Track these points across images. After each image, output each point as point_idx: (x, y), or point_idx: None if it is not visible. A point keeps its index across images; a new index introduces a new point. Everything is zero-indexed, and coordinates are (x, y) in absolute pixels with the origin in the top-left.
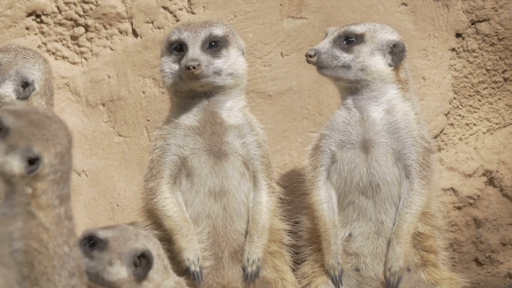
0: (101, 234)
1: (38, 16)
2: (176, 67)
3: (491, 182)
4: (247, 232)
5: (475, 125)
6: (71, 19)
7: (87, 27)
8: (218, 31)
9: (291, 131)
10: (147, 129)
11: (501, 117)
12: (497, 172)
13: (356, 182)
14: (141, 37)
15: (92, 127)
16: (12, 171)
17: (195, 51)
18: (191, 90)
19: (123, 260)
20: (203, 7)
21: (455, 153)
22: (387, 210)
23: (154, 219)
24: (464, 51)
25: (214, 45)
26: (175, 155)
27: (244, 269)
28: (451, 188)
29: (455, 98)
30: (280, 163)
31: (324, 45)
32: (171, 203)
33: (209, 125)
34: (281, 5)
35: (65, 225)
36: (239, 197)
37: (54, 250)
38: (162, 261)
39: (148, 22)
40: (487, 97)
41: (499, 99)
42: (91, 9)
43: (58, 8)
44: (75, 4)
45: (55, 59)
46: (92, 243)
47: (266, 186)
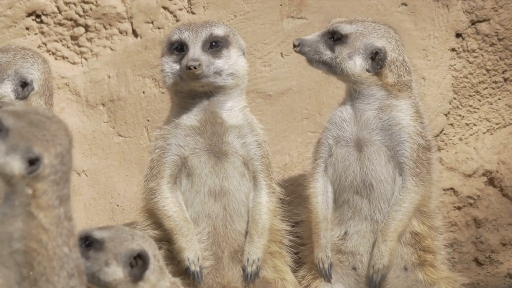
0: (97, 234)
1: (38, 16)
2: (176, 67)
3: (491, 182)
4: (247, 232)
5: (475, 125)
6: (71, 19)
7: (87, 27)
8: (219, 31)
9: (291, 131)
10: (147, 129)
11: (501, 117)
12: (497, 172)
13: (350, 180)
14: (141, 37)
15: (92, 127)
16: (12, 172)
17: (195, 51)
18: (191, 90)
19: (119, 260)
20: (203, 7)
21: (455, 153)
22: (382, 209)
23: (154, 219)
24: (464, 51)
25: (215, 45)
26: (175, 155)
27: (244, 269)
28: (451, 188)
29: (455, 98)
30: (280, 163)
31: (312, 38)
32: (171, 203)
33: (209, 125)
34: (281, 5)
35: (65, 226)
36: (239, 197)
37: (54, 251)
38: (158, 262)
39: (148, 22)
40: (487, 97)
41: (499, 99)
42: (91, 9)
43: (58, 8)
44: (75, 4)
45: (55, 59)
46: (88, 243)
47: (266, 187)
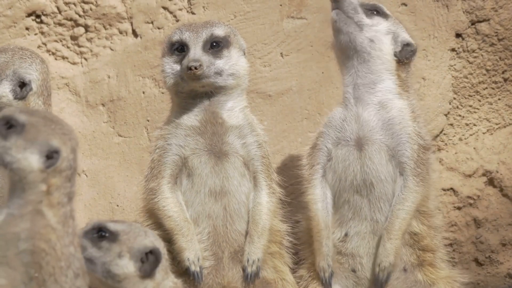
0: (112, 226)
1: (38, 16)
2: (177, 67)
3: (491, 182)
4: (247, 232)
5: (475, 125)
6: (71, 19)
7: (87, 27)
8: (220, 32)
9: (291, 131)
10: (147, 129)
11: (501, 117)
12: (497, 172)
13: (350, 180)
14: (141, 37)
15: (92, 127)
16: (30, 167)
17: (196, 52)
18: (192, 91)
19: (132, 254)
20: (203, 7)
21: (455, 153)
22: (382, 209)
23: (154, 219)
24: (464, 51)
25: (216, 45)
26: (176, 155)
27: (244, 270)
28: (451, 188)
29: (455, 98)
30: (280, 163)
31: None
32: (172, 203)
33: (210, 125)
34: (281, 5)
35: (70, 225)
36: (239, 198)
37: (61, 251)
38: (165, 261)
39: (148, 22)
40: (487, 97)
41: (499, 99)
42: (91, 9)
43: (58, 8)
44: (75, 4)
45: (55, 59)
46: (101, 234)
47: (267, 187)
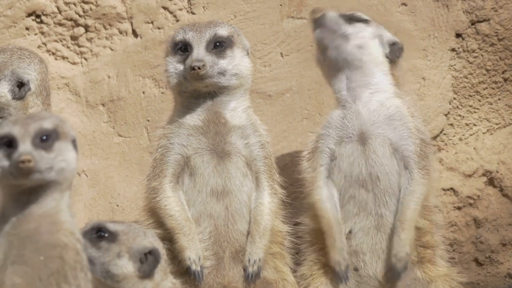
0: (111, 226)
1: (38, 16)
2: (180, 67)
3: (491, 182)
4: (248, 232)
5: (475, 125)
6: (71, 19)
7: (87, 27)
8: (223, 32)
9: (291, 131)
10: (147, 129)
11: (501, 117)
12: (497, 172)
13: (356, 175)
14: (141, 37)
15: (92, 127)
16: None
17: (199, 52)
18: (195, 90)
19: (131, 254)
20: (203, 7)
21: (455, 153)
22: (387, 203)
23: (155, 218)
24: (464, 51)
25: (219, 45)
26: (178, 154)
27: (245, 270)
28: (451, 188)
29: (455, 98)
30: (280, 163)
31: (333, 12)
32: (173, 202)
33: (212, 125)
34: (281, 5)
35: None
36: (241, 197)
37: (80, 246)
38: (164, 262)
39: (148, 22)
40: (487, 97)
41: (499, 99)
42: (91, 9)
43: (58, 8)
44: (75, 4)
45: (55, 59)
46: (100, 234)
47: (269, 187)
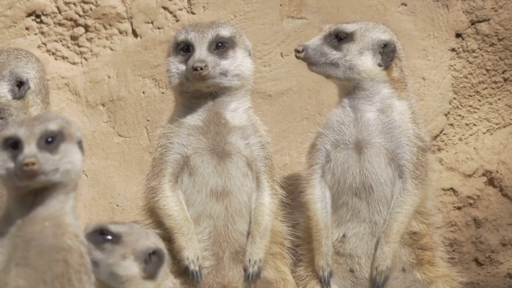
0: (114, 228)
1: (38, 16)
2: (182, 67)
3: (491, 182)
4: (248, 232)
5: (475, 125)
6: (71, 19)
7: (87, 27)
8: (225, 32)
9: (291, 131)
10: (147, 129)
11: (501, 117)
12: (497, 172)
13: (349, 183)
14: (141, 37)
15: (92, 127)
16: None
17: (202, 52)
18: (197, 91)
19: (136, 256)
20: (203, 7)
21: (455, 153)
22: (381, 211)
23: (154, 217)
24: (464, 51)
25: (221, 46)
26: (177, 154)
27: (245, 270)
28: (451, 188)
29: (455, 98)
30: (280, 163)
31: (314, 42)
32: (172, 202)
33: (213, 125)
34: (281, 5)
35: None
36: (241, 198)
37: (84, 249)
38: (167, 262)
39: (148, 22)
40: (487, 97)
41: (499, 99)
42: (91, 9)
43: (58, 8)
44: (75, 4)
45: (55, 59)
46: (103, 236)
47: (269, 188)
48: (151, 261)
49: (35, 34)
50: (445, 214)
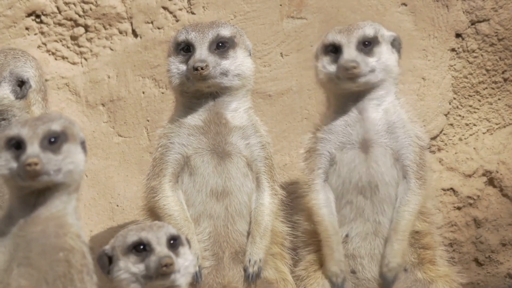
0: None
1: (38, 16)
2: (183, 67)
3: (491, 182)
4: (248, 233)
5: (475, 125)
6: (71, 19)
7: (87, 27)
8: (226, 32)
9: (291, 131)
10: (147, 129)
11: (501, 117)
12: (497, 172)
13: (355, 182)
14: (141, 37)
15: (92, 127)
16: None
17: (202, 52)
18: (197, 91)
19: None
20: (203, 7)
21: (455, 153)
22: (385, 211)
23: (154, 217)
24: (464, 51)
25: (222, 46)
26: (178, 154)
27: (245, 270)
28: (451, 188)
29: (455, 98)
30: (280, 163)
31: (352, 54)
32: (172, 202)
33: (213, 125)
34: (281, 5)
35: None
36: (241, 198)
37: (86, 248)
38: None
39: (148, 22)
40: (487, 97)
41: (499, 99)
42: (91, 9)
43: (58, 8)
44: (75, 4)
45: (55, 59)
46: None
47: (269, 188)
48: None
49: (35, 34)
50: (445, 214)
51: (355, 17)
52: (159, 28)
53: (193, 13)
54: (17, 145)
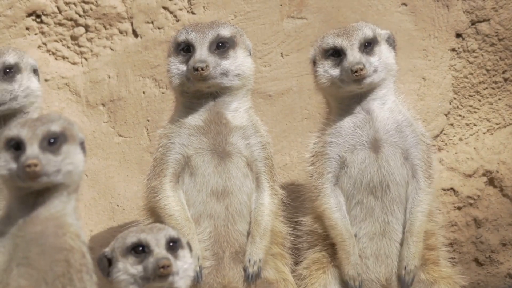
0: None
1: (38, 16)
2: (183, 67)
3: (491, 182)
4: (248, 233)
5: (475, 125)
6: (71, 19)
7: (87, 27)
8: (226, 32)
9: (291, 131)
10: (147, 129)
11: (501, 117)
12: (497, 172)
13: (366, 182)
14: (141, 37)
15: (92, 127)
16: None
17: (202, 52)
18: (198, 91)
19: None
20: (203, 7)
21: (455, 153)
22: (394, 211)
23: (155, 217)
24: (464, 51)
25: (222, 46)
26: (178, 154)
27: (245, 270)
28: (451, 188)
29: (455, 98)
30: (280, 163)
31: (357, 56)
32: (173, 202)
33: (214, 125)
34: (281, 5)
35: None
36: (241, 198)
37: (85, 248)
38: None
39: (148, 22)
40: (487, 97)
41: (499, 99)
42: (91, 9)
43: (58, 8)
44: (75, 4)
45: (55, 59)
46: None
47: (269, 188)
48: None
49: (35, 34)
50: (445, 214)
51: (355, 17)
52: (159, 28)
53: (193, 13)
54: (16, 146)
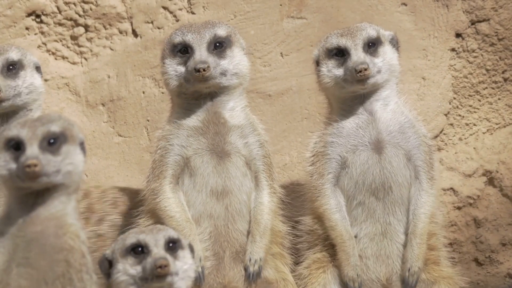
0: None
1: (38, 16)
2: (181, 69)
3: (491, 182)
4: (248, 232)
5: (475, 125)
6: (71, 19)
7: (87, 27)
8: (222, 32)
9: (291, 131)
10: (147, 129)
11: (501, 117)
12: (497, 172)
13: (368, 183)
14: (141, 37)
15: (92, 127)
16: None
17: (202, 53)
18: (196, 92)
19: None
20: (203, 7)
21: (455, 153)
22: (396, 212)
23: (156, 219)
24: (464, 51)
25: (219, 46)
26: (177, 155)
27: (246, 269)
28: (451, 188)
29: (455, 98)
30: (280, 163)
31: (361, 56)
32: (174, 203)
33: (212, 125)
34: (281, 5)
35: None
36: (241, 197)
37: (85, 248)
38: None
39: (148, 22)
40: (487, 97)
41: (499, 99)
42: (91, 9)
43: (58, 8)
44: (75, 4)
45: (55, 59)
46: None
47: (268, 187)
48: None
49: (35, 34)
50: (445, 214)
51: (355, 17)
52: (159, 28)
53: (193, 13)
54: (16, 146)
